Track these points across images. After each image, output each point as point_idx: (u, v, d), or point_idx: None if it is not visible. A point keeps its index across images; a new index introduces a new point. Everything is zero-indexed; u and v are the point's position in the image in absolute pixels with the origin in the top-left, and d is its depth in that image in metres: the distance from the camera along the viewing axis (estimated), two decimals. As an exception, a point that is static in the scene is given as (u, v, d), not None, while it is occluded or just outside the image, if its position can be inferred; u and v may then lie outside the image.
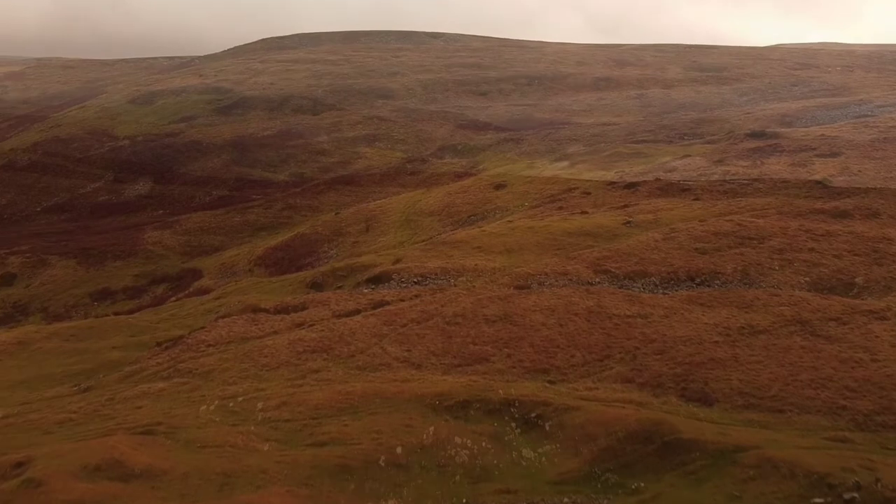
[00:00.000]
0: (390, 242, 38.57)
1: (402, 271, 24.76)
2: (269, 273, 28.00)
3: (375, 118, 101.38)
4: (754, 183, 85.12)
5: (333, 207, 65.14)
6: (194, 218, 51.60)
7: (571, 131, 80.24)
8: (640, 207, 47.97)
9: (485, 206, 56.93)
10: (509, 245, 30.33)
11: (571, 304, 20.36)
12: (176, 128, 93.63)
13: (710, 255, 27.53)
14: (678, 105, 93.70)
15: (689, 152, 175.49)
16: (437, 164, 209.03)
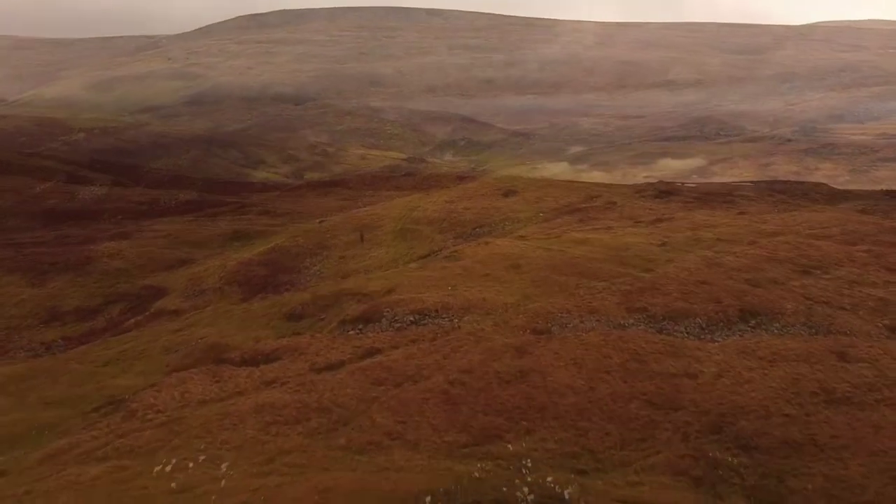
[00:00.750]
0: (383, 258, 37.02)
1: (395, 305, 23.18)
2: (242, 293, 26.40)
3: (367, 110, 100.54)
4: (809, 192, 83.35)
5: (318, 214, 63.57)
6: (158, 225, 50.08)
7: (590, 126, 79.15)
8: (677, 223, 46.57)
9: (491, 215, 55.42)
10: (523, 271, 28.73)
11: (602, 356, 18.76)
12: (139, 119, 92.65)
13: (765, 288, 26.03)
14: (711, 94, 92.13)
15: (728, 153, 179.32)
16: (437, 163, 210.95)
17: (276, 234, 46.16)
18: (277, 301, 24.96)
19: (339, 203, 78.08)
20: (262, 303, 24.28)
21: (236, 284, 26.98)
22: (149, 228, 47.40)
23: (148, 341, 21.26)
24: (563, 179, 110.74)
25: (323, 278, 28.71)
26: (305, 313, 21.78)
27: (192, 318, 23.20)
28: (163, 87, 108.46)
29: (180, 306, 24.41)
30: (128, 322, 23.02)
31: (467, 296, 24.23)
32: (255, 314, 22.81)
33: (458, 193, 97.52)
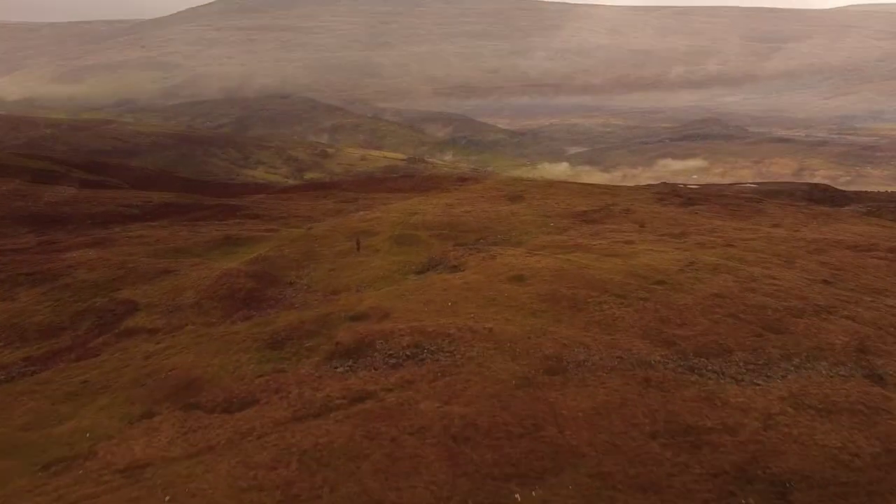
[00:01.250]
0: (379, 269, 34.60)
1: (390, 335, 20.78)
2: (223, 310, 23.93)
3: (359, 104, 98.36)
4: (851, 202, 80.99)
5: (313, 218, 61.23)
6: (142, 230, 47.61)
7: (603, 122, 77.05)
8: (704, 237, 44.23)
9: (495, 222, 53.00)
10: (532, 290, 26.33)
11: (626, 403, 16.37)
12: (111, 114, 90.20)
13: (808, 318, 23.70)
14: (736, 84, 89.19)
15: (760, 154, 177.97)
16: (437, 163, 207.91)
17: (267, 240, 43.72)
18: (260, 321, 22.51)
19: (336, 206, 75.75)
20: (244, 324, 21.83)
21: (218, 299, 24.51)
22: (120, 235, 44.94)
23: (115, 369, 18.80)
24: (571, 182, 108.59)
25: (312, 293, 26.29)
26: (288, 340, 19.35)
27: (167, 341, 20.76)
28: (137, 79, 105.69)
29: (156, 324, 21.98)
30: (96, 341, 20.55)
31: (471, 324, 21.83)
32: (235, 338, 20.36)
33: (459, 196, 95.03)
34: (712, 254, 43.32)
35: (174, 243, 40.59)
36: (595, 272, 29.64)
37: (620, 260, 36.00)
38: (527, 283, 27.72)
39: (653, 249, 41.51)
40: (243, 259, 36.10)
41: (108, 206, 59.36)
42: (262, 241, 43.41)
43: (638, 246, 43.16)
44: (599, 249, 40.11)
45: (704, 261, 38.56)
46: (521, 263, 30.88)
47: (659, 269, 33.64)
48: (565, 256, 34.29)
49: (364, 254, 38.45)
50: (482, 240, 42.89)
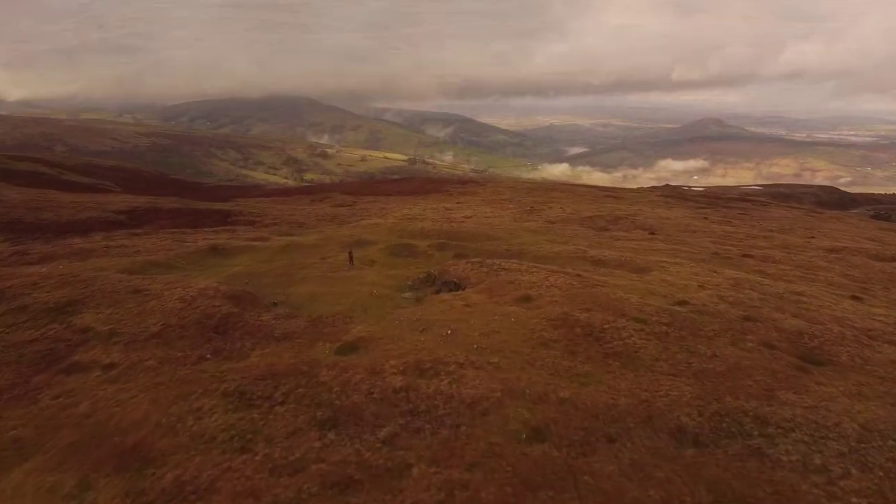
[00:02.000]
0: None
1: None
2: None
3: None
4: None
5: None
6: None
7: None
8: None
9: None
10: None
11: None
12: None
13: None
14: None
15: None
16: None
17: (256, 250, 40.83)
18: (231, 356, 19.44)
19: (333, 210, 72.92)
20: (212, 361, 18.87)
21: (188, 327, 21.54)
22: (113, 243, 42.05)
23: (54, 419, 15.84)
24: (574, 184, 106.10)
25: (296, 317, 23.33)
26: (259, 394, 16.39)
27: (121, 380, 17.84)
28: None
29: (113, 357, 19.07)
30: (39, 378, 17.67)
31: (473, 358, 18.93)
32: (200, 379, 17.39)
33: (460, 200, 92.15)
34: (730, 266, 40.49)
35: (155, 255, 37.67)
36: (609, 291, 26.70)
37: (636, 275, 33.12)
38: (535, 305, 24.81)
39: (667, 262, 38.66)
40: (226, 273, 33.21)
41: (94, 213, 56.50)
42: (249, 251, 40.50)
43: (651, 257, 40.27)
44: (611, 262, 37.20)
45: (724, 275, 35.71)
46: (527, 280, 27.96)
47: (678, 286, 30.74)
48: (575, 271, 31.39)
49: (357, 267, 35.56)
50: (485, 250, 39.97)
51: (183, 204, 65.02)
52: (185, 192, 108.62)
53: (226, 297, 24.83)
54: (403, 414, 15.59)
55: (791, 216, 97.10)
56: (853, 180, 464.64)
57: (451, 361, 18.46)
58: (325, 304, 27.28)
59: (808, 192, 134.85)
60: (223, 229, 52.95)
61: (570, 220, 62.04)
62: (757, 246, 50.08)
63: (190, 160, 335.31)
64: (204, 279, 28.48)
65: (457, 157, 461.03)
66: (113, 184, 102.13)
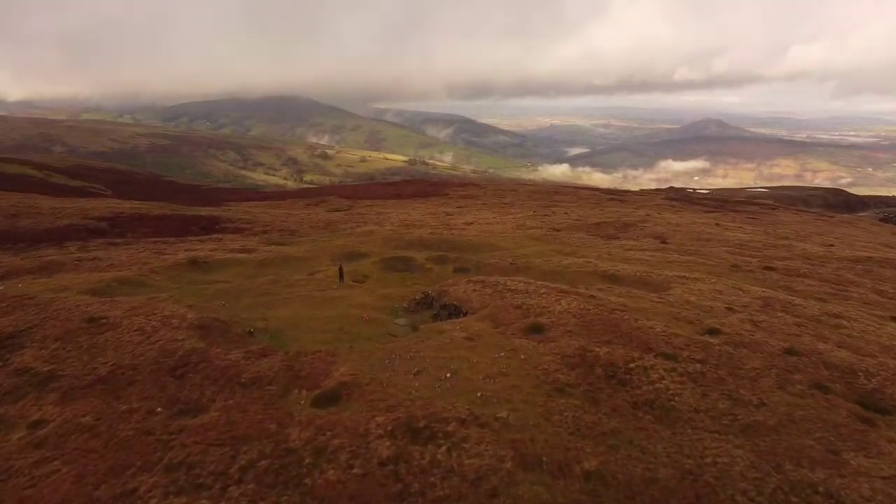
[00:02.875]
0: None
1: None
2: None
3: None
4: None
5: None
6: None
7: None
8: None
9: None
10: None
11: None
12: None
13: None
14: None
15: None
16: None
17: (239, 264, 37.52)
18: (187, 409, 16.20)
19: (328, 215, 69.56)
20: (159, 421, 15.59)
21: (141, 368, 18.27)
22: (86, 255, 38.71)
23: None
24: (576, 186, 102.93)
25: (271, 353, 20.00)
26: (212, 468, 13.11)
27: (46, 446, 14.65)
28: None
29: (46, 413, 15.92)
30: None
31: (478, 411, 15.67)
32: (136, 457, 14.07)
33: (460, 204, 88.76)
34: (754, 281, 37.20)
35: (128, 269, 34.38)
36: (630, 317, 23.40)
37: (655, 295, 29.82)
38: (547, 336, 21.51)
39: (686, 277, 35.35)
40: (201, 294, 29.93)
41: (74, 220, 53.18)
42: (232, 265, 37.18)
43: (668, 271, 36.91)
44: (626, 278, 33.87)
45: (750, 293, 32.43)
46: (537, 304, 24.66)
47: (704, 309, 27.45)
48: (588, 291, 28.08)
49: (348, 284, 32.27)
50: (488, 264, 36.65)
51: (170, 210, 61.72)
52: (178, 194, 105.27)
53: (192, 328, 21.53)
54: (391, 498, 12.28)
55: (801, 220, 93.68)
56: (854, 181, 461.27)
57: (451, 417, 15.17)
58: (308, 332, 24.01)
59: (816, 194, 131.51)
60: (209, 238, 49.66)
61: (576, 226, 58.74)
62: (777, 257, 46.77)
63: (189, 161, 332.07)
64: (173, 303, 25.17)
65: (457, 158, 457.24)
66: (103, 187, 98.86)
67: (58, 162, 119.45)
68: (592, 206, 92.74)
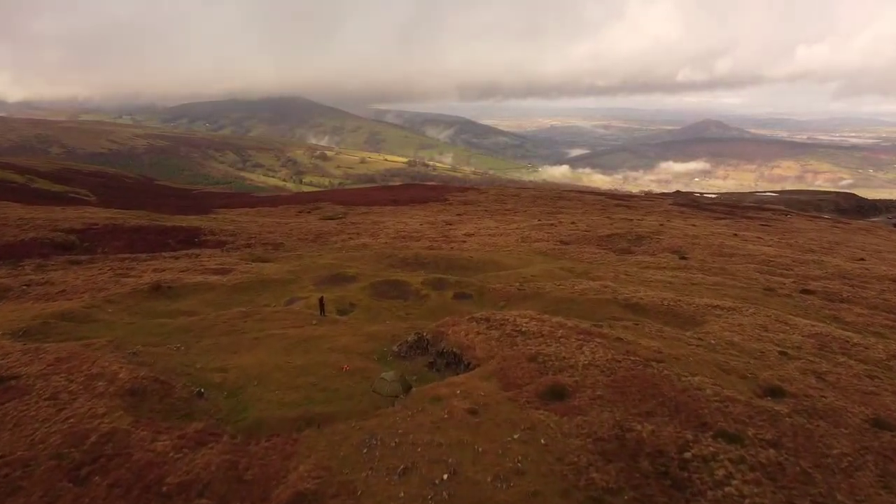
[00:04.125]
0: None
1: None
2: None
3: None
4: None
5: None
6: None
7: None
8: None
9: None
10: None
11: None
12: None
13: None
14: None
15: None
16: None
17: (208, 289, 32.80)
18: None
19: (320, 224, 64.76)
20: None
21: (35, 466, 13.61)
22: (39, 278, 33.97)
23: None
24: (580, 189, 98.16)
25: (209, 447, 15.18)
26: None
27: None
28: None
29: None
30: None
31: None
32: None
33: (460, 211, 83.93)
34: (795, 309, 32.45)
35: (78, 298, 29.67)
36: (669, 370, 18.70)
37: (691, 333, 25.15)
38: (572, 404, 16.80)
39: (720, 306, 30.60)
40: (156, 332, 25.22)
41: (40, 232, 48.44)
42: (201, 290, 32.45)
43: (696, 297, 32.11)
44: (650, 307, 29.16)
45: (798, 327, 27.72)
46: (555, 353, 19.96)
47: (753, 354, 22.75)
48: (614, 332, 23.32)
49: (330, 318, 27.58)
50: (492, 289, 31.90)
51: (149, 220, 56.99)
52: (168, 199, 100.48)
53: (120, 395, 16.84)
54: None
55: (817, 228, 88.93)
56: (855, 182, 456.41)
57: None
58: (274, 390, 19.31)
59: (827, 199, 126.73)
60: (185, 254, 44.94)
61: (585, 239, 53.99)
62: (810, 276, 42.03)
63: (187, 162, 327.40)
64: (111, 351, 20.48)
65: (457, 160, 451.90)
66: (88, 192, 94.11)
67: (44, 165, 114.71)
68: (599, 212, 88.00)
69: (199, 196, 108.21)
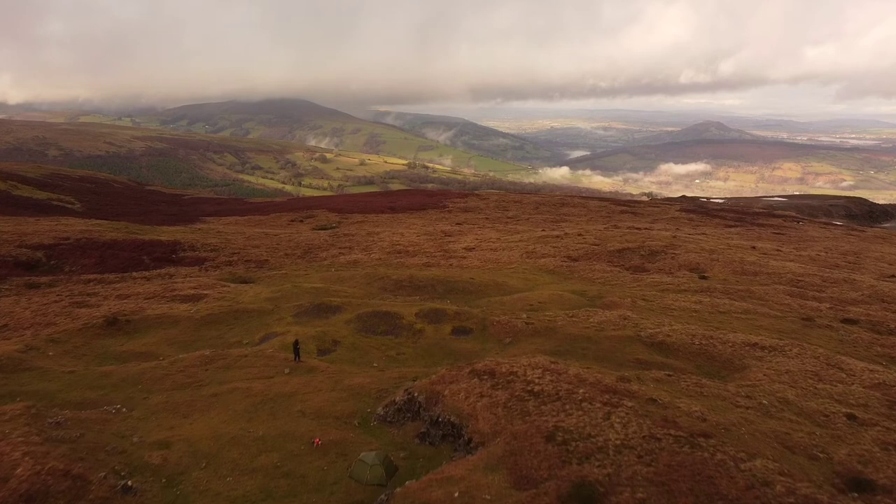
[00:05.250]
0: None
1: None
2: None
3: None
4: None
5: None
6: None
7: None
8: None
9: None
10: None
11: None
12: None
13: None
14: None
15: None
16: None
17: (177, 322, 28.63)
18: None
19: (311, 236, 60.48)
20: None
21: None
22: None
23: None
24: (583, 195, 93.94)
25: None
26: None
27: None
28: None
29: None
30: None
31: None
32: None
33: (460, 219, 79.57)
34: (841, 344, 28.20)
35: (19, 338, 25.45)
36: (723, 454, 14.56)
37: (735, 387, 20.90)
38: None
39: (759, 344, 26.31)
40: (97, 386, 21.02)
41: (4, 248, 44.22)
42: (163, 326, 28.25)
43: (729, 331, 27.77)
44: (680, 348, 24.97)
45: (857, 375, 23.46)
46: (576, 428, 15.79)
47: (815, 419, 18.57)
48: (644, 389, 19.07)
49: (306, 365, 23.37)
50: (496, 322, 27.68)
51: (127, 233, 52.78)
52: (156, 206, 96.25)
53: (13, 500, 12.63)
54: None
55: (832, 236, 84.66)
56: (856, 184, 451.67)
57: None
58: (226, 476, 15.19)
59: (837, 204, 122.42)
60: (158, 274, 40.74)
61: (594, 254, 49.75)
62: (847, 299, 37.79)
63: (186, 164, 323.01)
64: (25, 424, 16.34)
65: (457, 161, 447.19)
66: (74, 199, 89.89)
67: (31, 170, 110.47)
68: (604, 220, 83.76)
69: (189, 202, 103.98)
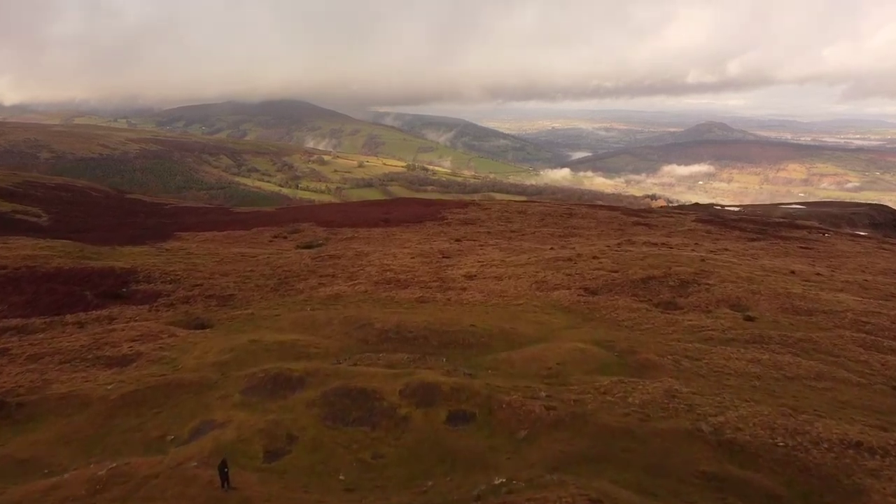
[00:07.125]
0: None
1: None
2: None
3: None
4: None
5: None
6: None
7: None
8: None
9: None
10: None
11: None
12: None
13: None
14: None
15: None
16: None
17: (87, 406, 21.79)
18: None
19: (292, 258, 53.59)
20: None
21: None
22: None
23: None
24: (592, 202, 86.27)
25: None
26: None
27: None
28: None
29: None
30: None
31: None
32: None
33: (459, 234, 72.30)
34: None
35: None
36: None
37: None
38: None
39: (863, 444, 19.41)
40: None
41: None
42: (65, 412, 21.35)
43: (817, 421, 20.81)
44: (766, 458, 18.01)
45: None
46: None
47: None
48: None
49: (238, 496, 16.42)
50: (505, 403, 20.72)
51: (78, 258, 45.90)
52: (132, 218, 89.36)
53: None
54: None
55: (864, 251, 77.77)
56: (862, 185, 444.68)
57: None
58: None
59: (860, 212, 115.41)
60: (97, 316, 33.82)
61: (615, 284, 42.81)
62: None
63: (181, 167, 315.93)
64: None
65: (457, 163, 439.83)
66: (42, 210, 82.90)
67: (2, 178, 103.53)
68: (617, 234, 76.84)
69: (169, 213, 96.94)
